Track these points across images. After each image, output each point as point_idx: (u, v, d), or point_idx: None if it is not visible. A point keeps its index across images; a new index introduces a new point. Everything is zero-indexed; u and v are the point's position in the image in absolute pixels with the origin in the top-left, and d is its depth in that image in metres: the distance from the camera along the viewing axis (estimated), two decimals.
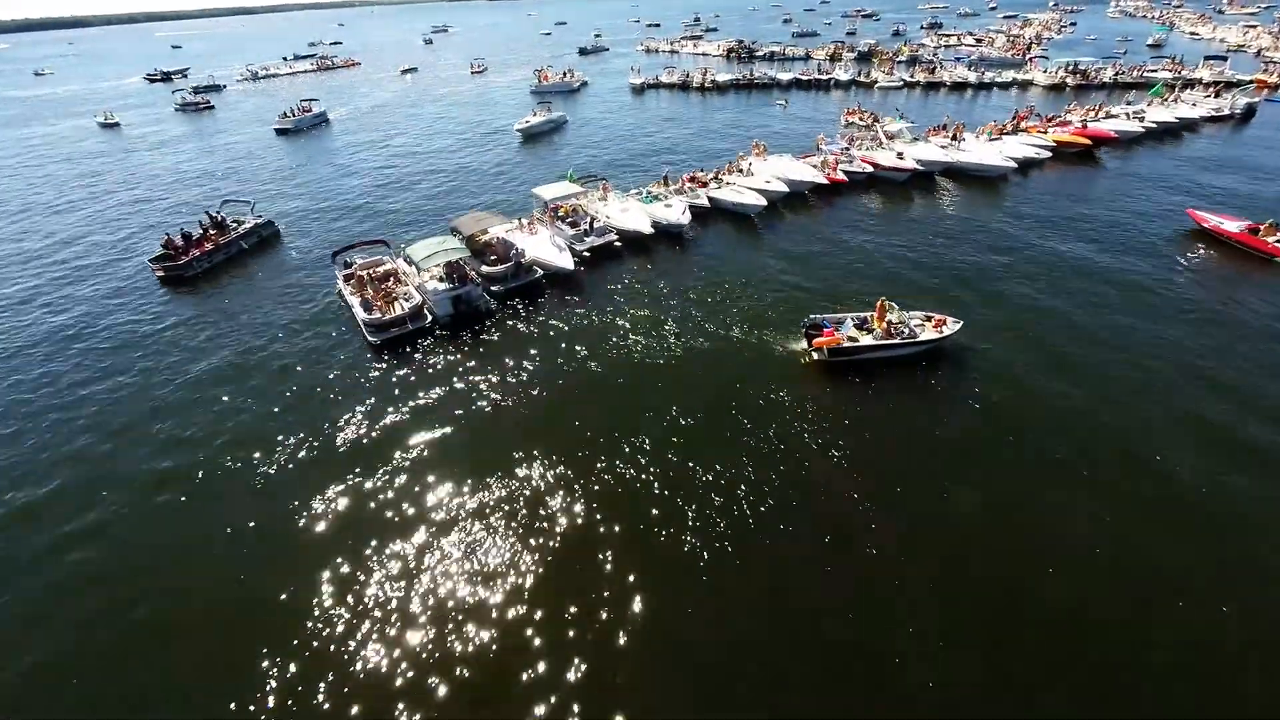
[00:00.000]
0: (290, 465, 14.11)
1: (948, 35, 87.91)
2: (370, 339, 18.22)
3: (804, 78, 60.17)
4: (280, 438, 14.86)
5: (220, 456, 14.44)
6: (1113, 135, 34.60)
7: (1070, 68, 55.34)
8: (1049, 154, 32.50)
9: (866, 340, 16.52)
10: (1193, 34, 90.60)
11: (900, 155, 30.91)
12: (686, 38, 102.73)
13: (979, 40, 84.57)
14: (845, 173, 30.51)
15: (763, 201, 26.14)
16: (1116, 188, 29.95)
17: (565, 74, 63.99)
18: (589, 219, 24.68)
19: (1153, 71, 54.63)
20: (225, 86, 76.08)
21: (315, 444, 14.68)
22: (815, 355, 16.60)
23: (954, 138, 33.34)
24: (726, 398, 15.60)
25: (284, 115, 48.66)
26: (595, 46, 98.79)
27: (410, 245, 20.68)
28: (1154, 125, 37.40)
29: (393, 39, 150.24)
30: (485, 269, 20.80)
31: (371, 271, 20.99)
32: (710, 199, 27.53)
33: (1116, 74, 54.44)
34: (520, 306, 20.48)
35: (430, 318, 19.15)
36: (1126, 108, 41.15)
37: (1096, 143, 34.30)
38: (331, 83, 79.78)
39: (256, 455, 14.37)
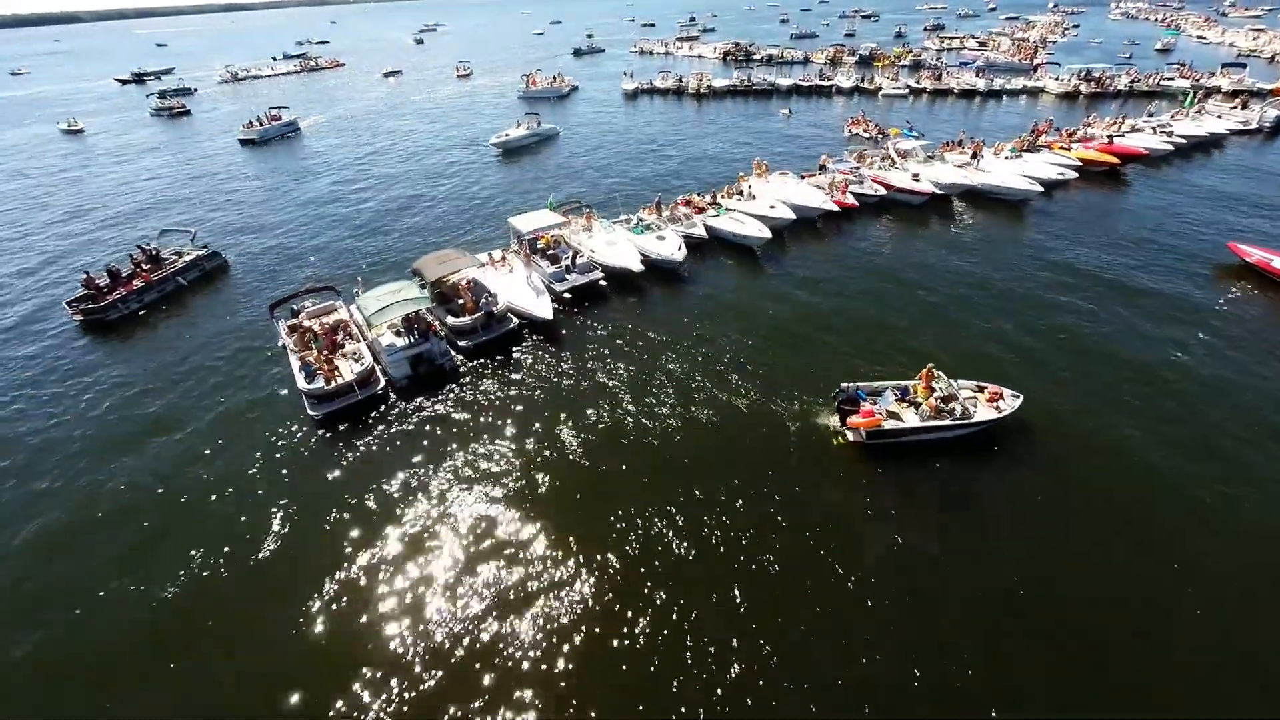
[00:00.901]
0: (192, 588, 11.34)
1: (950, 38, 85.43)
2: (312, 413, 15.43)
3: (804, 83, 57.53)
4: (176, 561, 12.07)
5: (102, 580, 11.65)
6: (1143, 152, 32.09)
7: (1083, 75, 52.89)
8: (1074, 174, 29.95)
9: (911, 419, 13.89)
10: (1200, 38, 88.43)
11: (916, 176, 28.27)
12: (682, 39, 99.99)
13: (983, 44, 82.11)
14: (855, 195, 27.87)
15: (767, 234, 23.43)
16: (1148, 213, 27.38)
17: (554, 79, 61.09)
18: (571, 254, 21.95)
19: (1169, 80, 52.25)
20: (196, 90, 72.64)
21: (221, 565, 11.90)
22: (850, 436, 13.96)
23: (973, 156, 30.73)
24: (738, 491, 12.92)
25: (249, 124, 45.46)
26: (591, 48, 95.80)
27: (362, 295, 17.85)
28: (1182, 141, 34.92)
29: (383, 38, 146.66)
30: (452, 320, 18.03)
31: (320, 322, 18.16)
32: (708, 228, 24.80)
33: (1132, 82, 52.02)
34: (491, 364, 17.73)
35: (384, 382, 16.39)
36: (1150, 121, 38.68)
37: (1124, 160, 31.77)
38: (313, 85, 76.67)
39: (142, 586, 11.57)
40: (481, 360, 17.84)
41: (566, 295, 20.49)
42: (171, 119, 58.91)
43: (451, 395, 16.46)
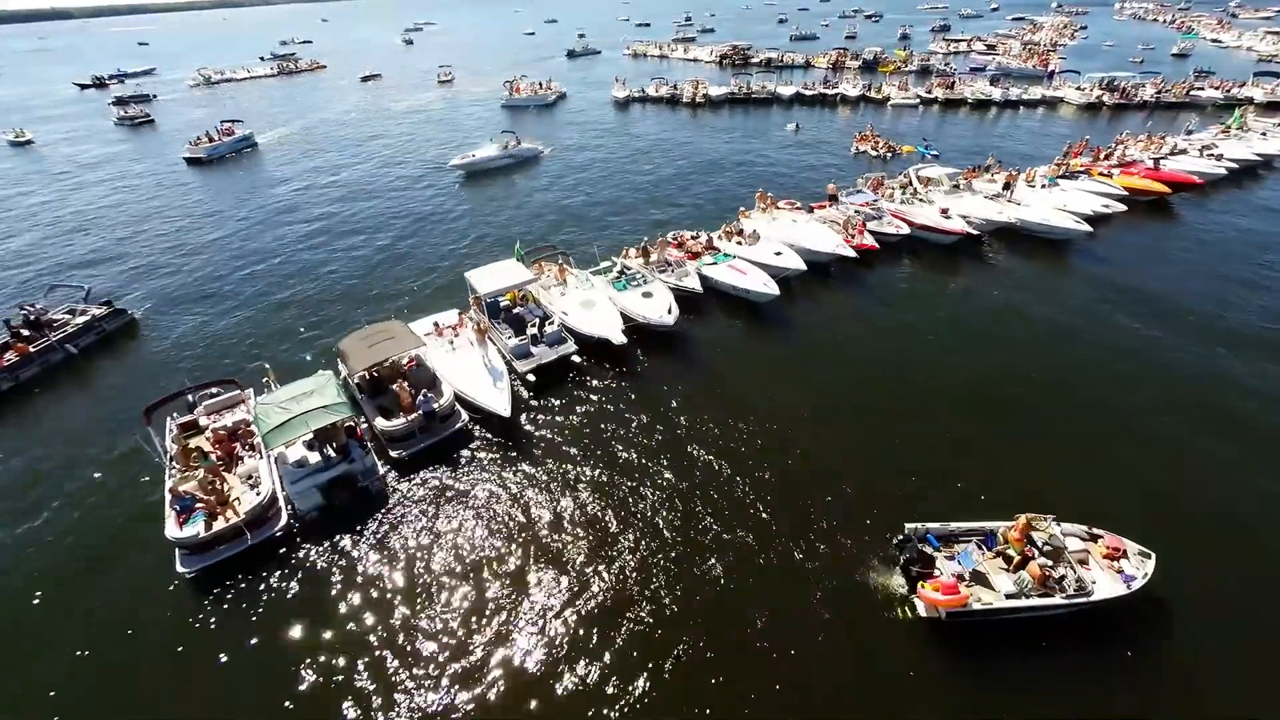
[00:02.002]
0: None
1: (957, 40, 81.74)
2: (182, 569, 11.66)
3: (807, 91, 53.74)
4: None
5: None
6: (1196, 181, 28.49)
7: (1105, 84, 49.33)
8: (1121, 205, 26.32)
9: (1004, 583, 10.32)
10: (1215, 41, 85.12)
11: (945, 211, 24.59)
12: (677, 40, 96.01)
13: (991, 47, 78.52)
14: (874, 234, 24.20)
15: (774, 290, 19.68)
16: (1211, 255, 23.87)
17: (540, 85, 57.10)
18: (539, 319, 18.22)
19: (1199, 90, 48.75)
20: (155, 97, 68.29)
21: None
22: (922, 609, 10.37)
23: (1005, 187, 27.03)
24: (754, 704, 9.25)
25: (196, 141, 41.16)
26: (586, 49, 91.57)
27: (260, 402, 13.97)
28: (1234, 165, 31.34)
29: (371, 38, 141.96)
30: (382, 424, 14.29)
31: (215, 429, 14.33)
32: (704, 278, 21.05)
33: (1158, 92, 48.51)
34: (430, 479, 14.00)
35: (286, 516, 12.64)
36: (1191, 139, 35.13)
37: (1175, 189, 28.18)
38: (289, 90, 72.47)
39: None
40: (419, 474, 14.11)
41: (531, 378, 16.75)
42: (134, 129, 54.74)
43: (375, 534, 12.71)
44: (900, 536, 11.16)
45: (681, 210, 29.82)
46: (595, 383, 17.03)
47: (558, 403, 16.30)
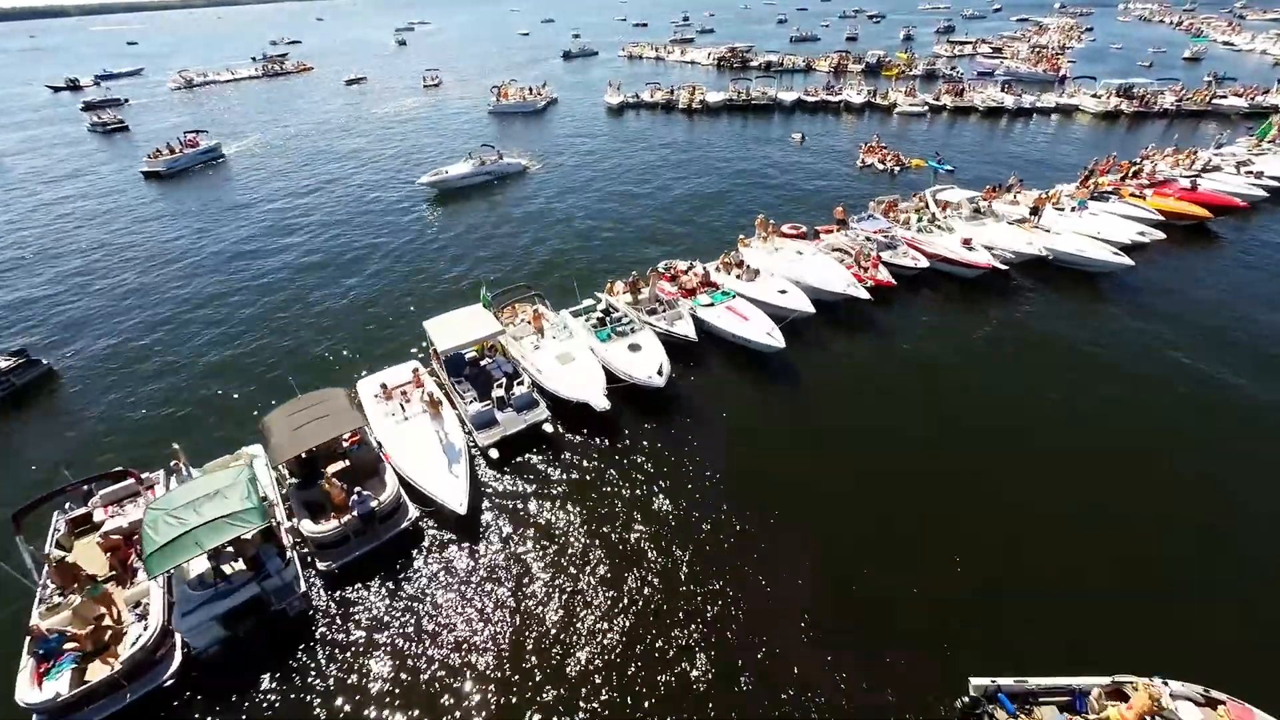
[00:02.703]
0: None
1: (962, 43, 79.21)
2: None
3: (809, 98, 51.24)
4: None
5: None
6: (1239, 204, 26.10)
7: (1123, 91, 46.94)
8: (1159, 233, 23.88)
9: None
10: (1227, 44, 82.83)
11: (968, 242, 22.16)
12: (675, 41, 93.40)
13: (998, 49, 76.12)
14: (889, 265, 21.77)
15: (779, 343, 17.20)
16: (1265, 287, 21.53)
17: (530, 90, 54.51)
18: (506, 376, 15.78)
19: (1222, 97, 46.38)
20: (127, 101, 65.55)
21: None
22: None
23: (1033, 211, 24.60)
24: None
25: (155, 153, 38.34)
26: (582, 50, 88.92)
27: (156, 501, 11.34)
28: (1274, 183, 28.95)
29: (364, 38, 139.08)
30: (309, 529, 11.80)
31: (107, 533, 11.83)
32: (699, 322, 18.61)
33: (1178, 100, 46.11)
34: (367, 597, 11.54)
35: (180, 658, 10.18)
36: (1222, 153, 32.74)
37: (1216, 212, 25.78)
38: (273, 93, 69.80)
39: None
40: (352, 589, 11.66)
41: (494, 454, 14.30)
42: (106, 136, 52.11)
43: (292, 675, 10.26)
44: (965, 699, 8.76)
45: (677, 235, 27.37)
46: (571, 458, 14.58)
47: (527, 487, 13.84)
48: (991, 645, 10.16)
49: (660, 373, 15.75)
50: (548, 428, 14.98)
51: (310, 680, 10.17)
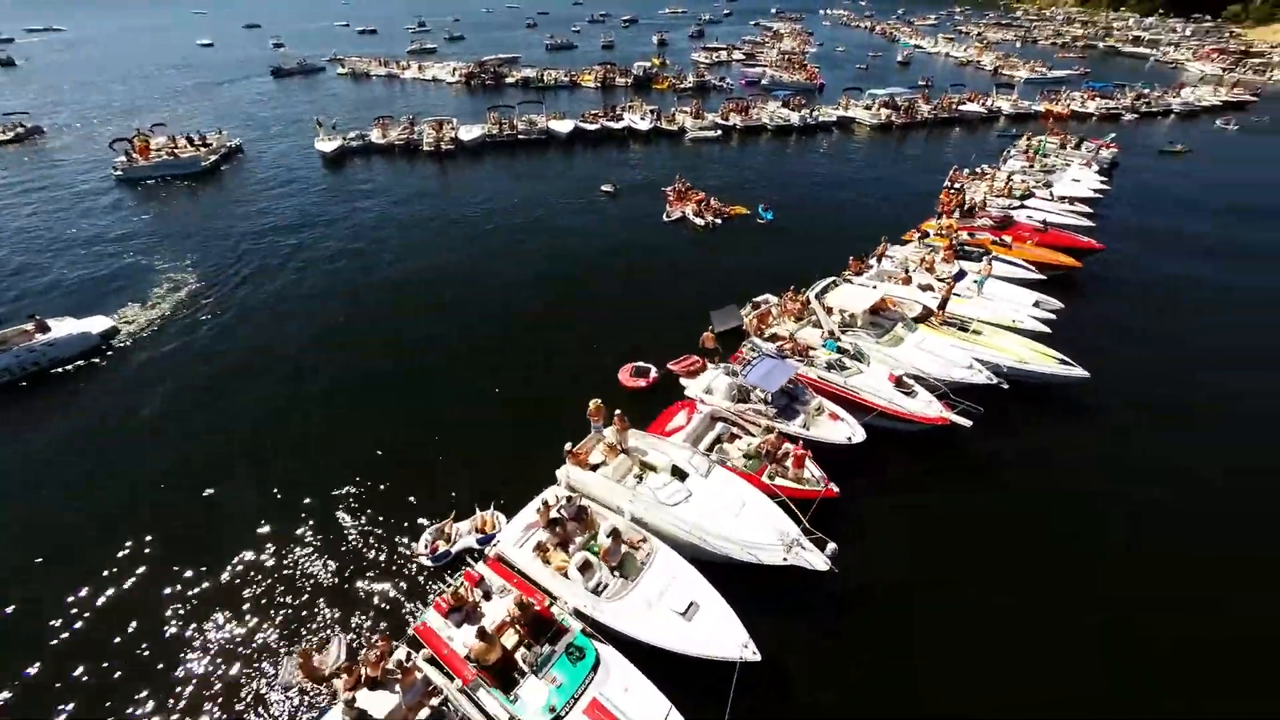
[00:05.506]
0: None
1: (716, 49, 78.14)
2: None
3: (587, 125, 42.37)
4: None
5: None
6: (1097, 245, 23.27)
7: (885, 102, 46.79)
8: (1058, 303, 19.41)
9: None
10: (918, 47, 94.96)
11: (901, 383, 14.66)
12: (413, 53, 78.11)
13: (750, 55, 76.51)
14: (813, 445, 13.29)
15: None
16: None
17: (190, 140, 36.57)
18: None
19: (966, 103, 48.83)
20: None
21: None
22: None
23: (941, 305, 18.18)
24: None
25: None
26: (303, 65, 68.43)
27: None
28: (1086, 208, 27.56)
29: None
30: None
31: None
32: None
33: (933, 110, 47.33)
34: None
35: None
36: (1020, 172, 31.55)
37: (1079, 256, 22.59)
38: None
39: None
40: None
41: None
42: None
43: None
44: None
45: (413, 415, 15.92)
46: None
47: None
48: None
49: None
50: None
51: None
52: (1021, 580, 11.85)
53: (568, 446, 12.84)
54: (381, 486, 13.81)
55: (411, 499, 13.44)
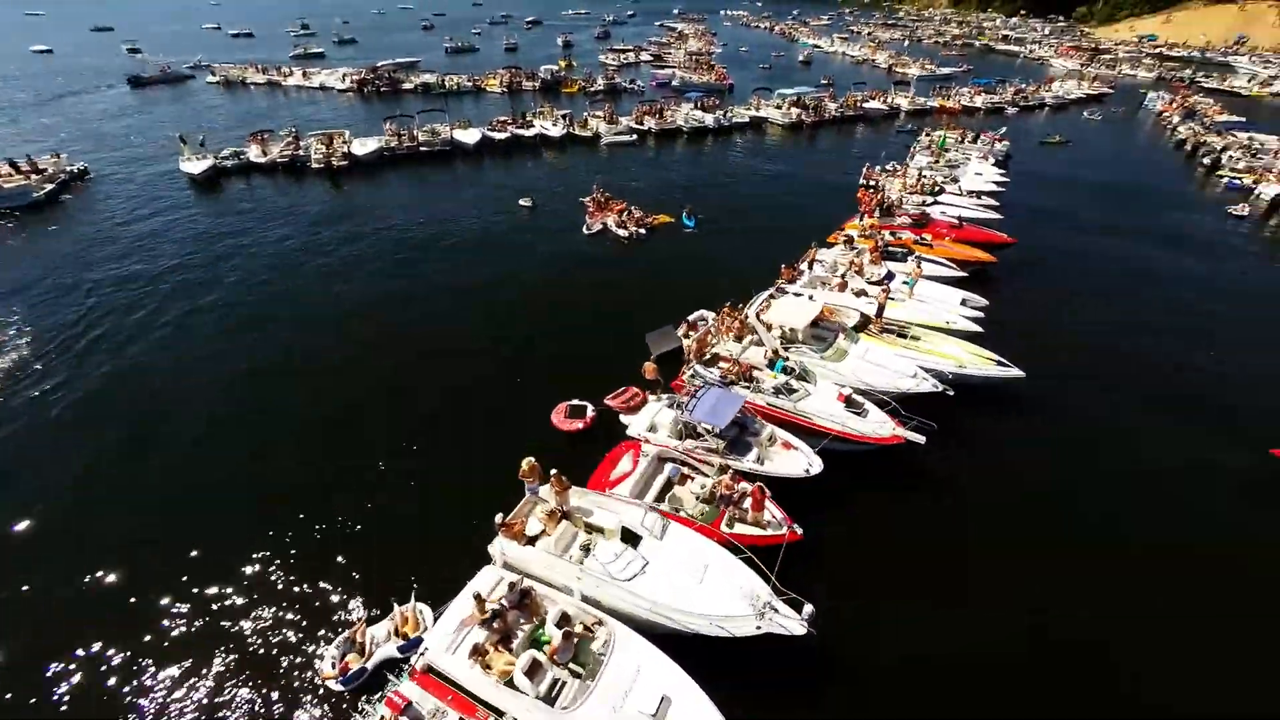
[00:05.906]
0: None
1: (623, 50, 77.25)
2: None
3: (496, 134, 39.94)
4: None
5: None
6: (1009, 239, 24.02)
7: (795, 102, 47.54)
8: (981, 298, 19.70)
9: None
10: (816, 47, 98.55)
11: (850, 401, 13.96)
12: (297, 59, 71.62)
13: (658, 56, 76.28)
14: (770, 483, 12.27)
15: None
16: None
17: (12, 168, 30.81)
18: None
19: (869, 101, 50.55)
20: None
21: None
22: None
23: (879, 313, 17.75)
24: None
25: None
26: (167, 73, 60.68)
27: None
28: (993, 202, 28.77)
29: None
30: None
31: None
32: None
33: (839, 108, 48.64)
34: None
35: None
36: (929, 169, 32.53)
37: (993, 250, 23.24)
38: None
39: None
40: None
41: None
42: None
43: None
44: None
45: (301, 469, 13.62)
46: None
47: None
48: None
49: None
50: None
51: None
52: (1000, 597, 11.39)
53: (499, 518, 11.09)
54: (271, 587, 11.43)
55: (312, 601, 11.19)
